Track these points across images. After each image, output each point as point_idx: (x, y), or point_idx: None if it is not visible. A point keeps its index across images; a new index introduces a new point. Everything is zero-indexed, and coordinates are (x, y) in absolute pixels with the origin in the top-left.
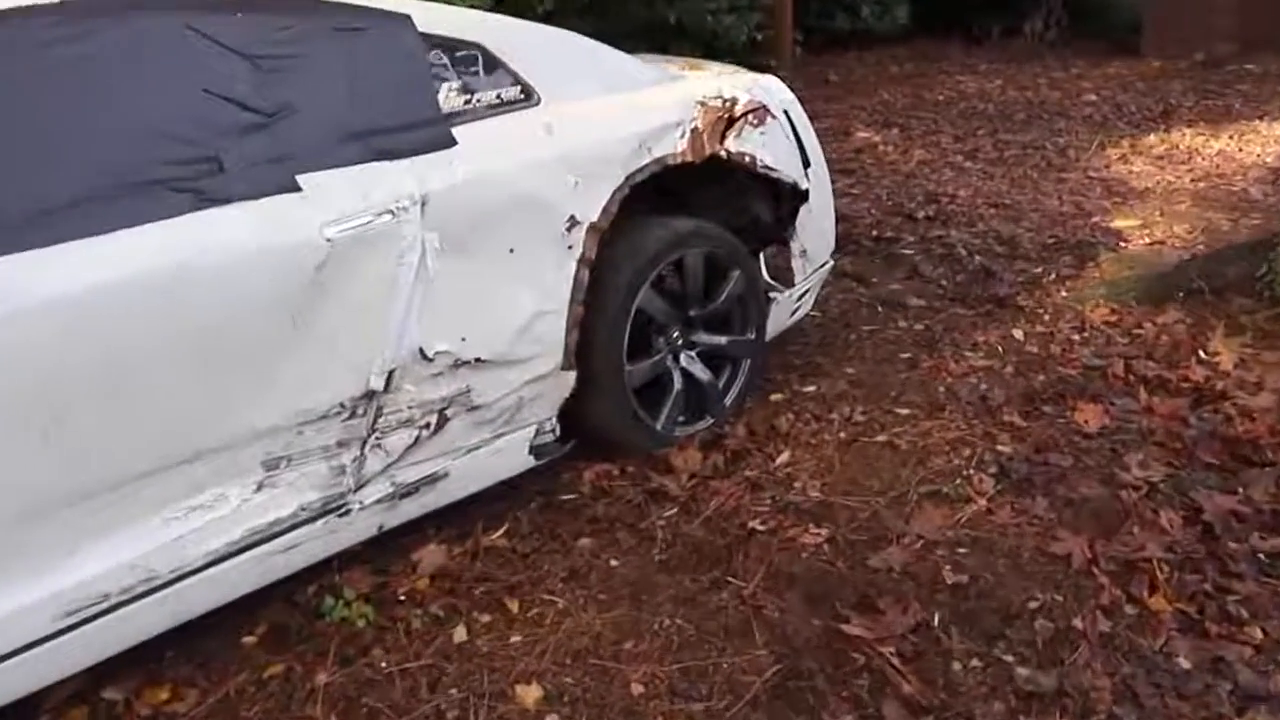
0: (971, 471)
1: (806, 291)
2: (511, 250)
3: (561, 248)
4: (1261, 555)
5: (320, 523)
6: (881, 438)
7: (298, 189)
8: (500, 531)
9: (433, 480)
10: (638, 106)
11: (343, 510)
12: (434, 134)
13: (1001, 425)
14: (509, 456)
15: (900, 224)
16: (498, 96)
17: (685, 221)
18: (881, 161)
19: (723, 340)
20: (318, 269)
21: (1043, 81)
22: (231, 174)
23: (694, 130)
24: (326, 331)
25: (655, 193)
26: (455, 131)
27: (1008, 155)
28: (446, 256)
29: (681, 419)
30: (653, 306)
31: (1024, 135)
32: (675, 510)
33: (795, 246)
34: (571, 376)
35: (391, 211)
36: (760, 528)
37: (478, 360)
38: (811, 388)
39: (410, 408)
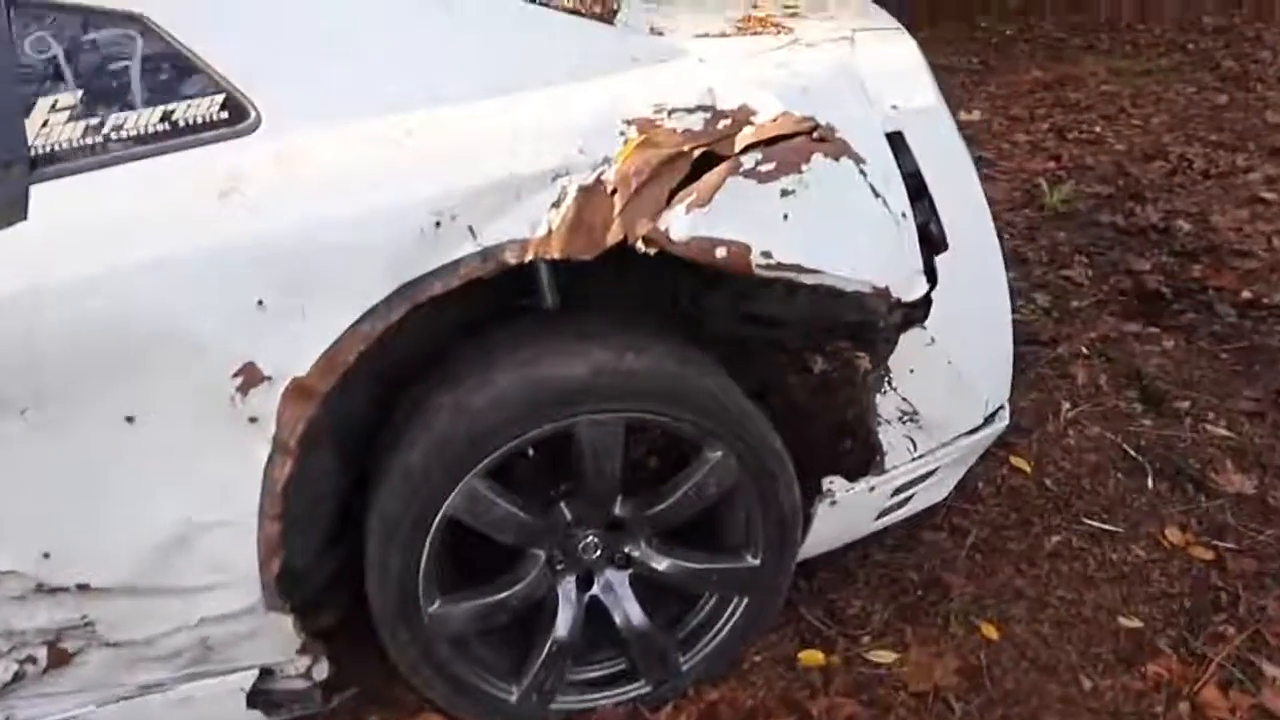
0: None
1: (925, 477)
2: (130, 419)
3: (234, 420)
4: None
5: None
6: None
7: None
8: None
9: None
10: (469, 133)
11: None
12: None
13: None
14: (206, 709)
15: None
16: (163, 118)
17: (576, 358)
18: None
19: (688, 566)
20: None
21: None
22: None
23: (588, 189)
24: None
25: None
26: (42, 191)
27: None
28: None
29: (597, 671)
30: (483, 514)
31: None
32: None
33: (888, 405)
34: (287, 623)
35: None
36: None
37: (83, 587)
38: (885, 655)
39: None
